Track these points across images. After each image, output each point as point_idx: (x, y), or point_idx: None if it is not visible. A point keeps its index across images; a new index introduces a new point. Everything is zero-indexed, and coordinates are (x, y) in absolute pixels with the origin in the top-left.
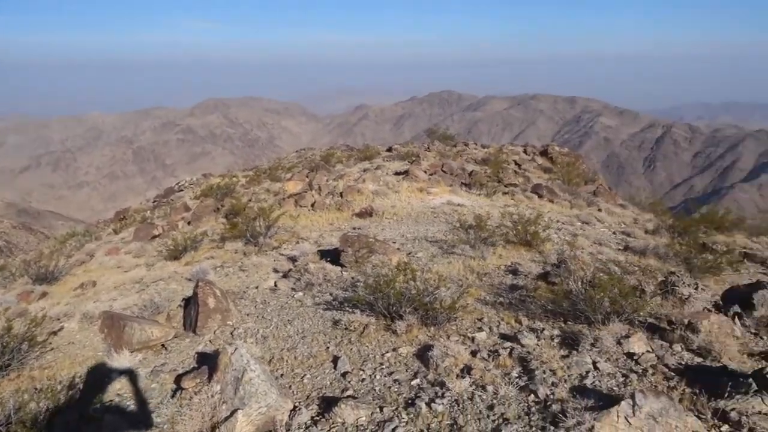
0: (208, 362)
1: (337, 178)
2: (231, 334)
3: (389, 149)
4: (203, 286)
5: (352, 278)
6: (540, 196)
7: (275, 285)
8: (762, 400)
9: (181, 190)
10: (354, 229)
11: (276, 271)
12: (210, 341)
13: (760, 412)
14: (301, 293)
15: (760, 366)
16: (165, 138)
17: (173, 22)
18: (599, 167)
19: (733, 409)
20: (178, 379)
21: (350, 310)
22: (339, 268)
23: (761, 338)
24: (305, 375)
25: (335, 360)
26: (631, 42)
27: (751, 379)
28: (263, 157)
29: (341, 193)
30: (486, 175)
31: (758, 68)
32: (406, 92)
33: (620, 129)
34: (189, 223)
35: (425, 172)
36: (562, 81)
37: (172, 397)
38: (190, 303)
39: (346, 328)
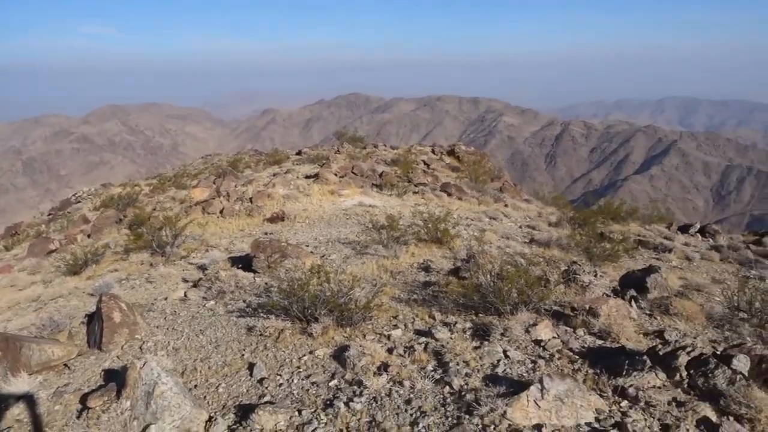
0: (116, 379)
1: (246, 184)
2: (140, 348)
3: (299, 153)
4: (107, 300)
5: (266, 284)
6: (449, 195)
7: (185, 295)
8: (656, 374)
9: (79, 202)
10: (266, 234)
11: (185, 280)
12: (117, 357)
13: (654, 386)
14: (212, 302)
15: (653, 344)
16: (58, 147)
17: (65, 28)
18: (504, 164)
19: (631, 386)
20: (84, 399)
21: (265, 315)
22: (251, 275)
23: (655, 318)
24: (220, 384)
25: (251, 367)
26: (527, 44)
27: (645, 357)
28: (167, 165)
29: (251, 199)
30: (396, 176)
31: (646, 68)
32: (314, 96)
33: (522, 127)
34: (89, 235)
35: (336, 174)
36: (465, 82)
37: (78, 417)
38: (93, 319)
39: (261, 335)
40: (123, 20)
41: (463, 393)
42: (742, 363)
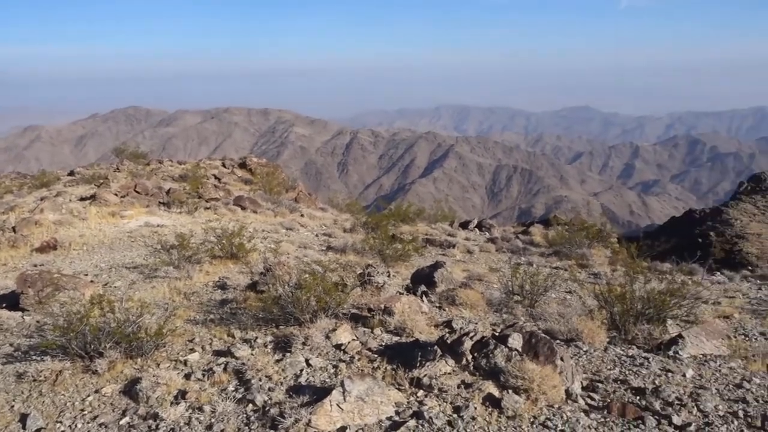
0: None
1: (7, 211)
2: None
3: (71, 173)
4: None
5: (37, 322)
6: (243, 208)
7: None
8: (446, 362)
9: None
10: (35, 266)
11: None
12: None
13: (445, 373)
14: None
15: (442, 334)
16: None
17: None
18: (299, 175)
19: (425, 375)
20: None
21: (38, 358)
22: (19, 314)
23: (444, 310)
24: None
25: (24, 418)
26: (313, 56)
27: (436, 347)
28: None
29: (14, 228)
30: (185, 192)
31: (422, 78)
32: (86, 110)
33: (313, 137)
34: None
35: (116, 194)
36: (252, 94)
37: None
38: None
39: (34, 380)
40: None
41: (267, 408)
42: (516, 341)
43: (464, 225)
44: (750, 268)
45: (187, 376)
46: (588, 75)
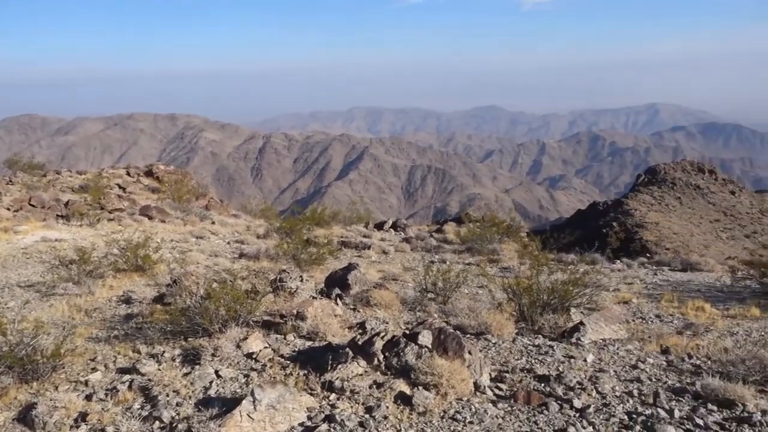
0: None
1: None
2: None
3: None
4: None
5: None
6: (150, 218)
7: None
8: (357, 363)
9: None
10: None
11: None
12: None
13: (357, 374)
14: None
15: (354, 336)
16: None
17: None
18: (211, 181)
19: (337, 378)
20: None
21: None
22: None
23: (358, 311)
24: None
25: None
26: (221, 59)
27: (348, 349)
28: None
29: None
30: (86, 204)
31: (334, 80)
32: None
33: (225, 142)
34: None
35: (9, 209)
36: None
37: None
38: None
39: None
40: None
41: (174, 424)
42: (426, 338)
43: (379, 226)
44: (648, 255)
45: (89, 397)
46: (495, 75)
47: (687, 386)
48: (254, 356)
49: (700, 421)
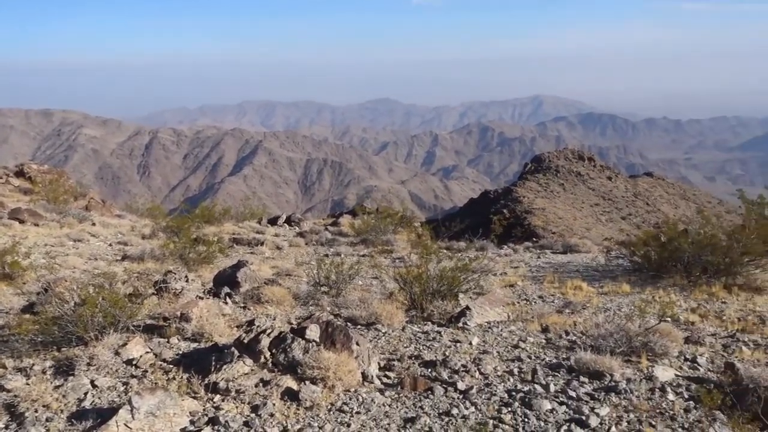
0: None
1: None
2: None
3: None
4: None
5: None
6: (21, 222)
7: None
8: (243, 362)
9: None
10: None
11: None
12: None
13: (243, 374)
14: None
15: (239, 335)
16: None
17: None
18: (92, 180)
19: (222, 379)
20: None
21: None
22: None
23: (249, 309)
24: None
25: None
26: (96, 52)
27: (233, 348)
28: None
29: None
30: None
31: (224, 74)
32: None
33: (107, 139)
34: None
35: None
36: (28, 93)
37: None
38: None
39: None
40: None
41: None
42: (313, 332)
43: (273, 221)
44: (535, 239)
45: None
46: (388, 69)
47: (563, 361)
48: (134, 362)
49: (572, 393)
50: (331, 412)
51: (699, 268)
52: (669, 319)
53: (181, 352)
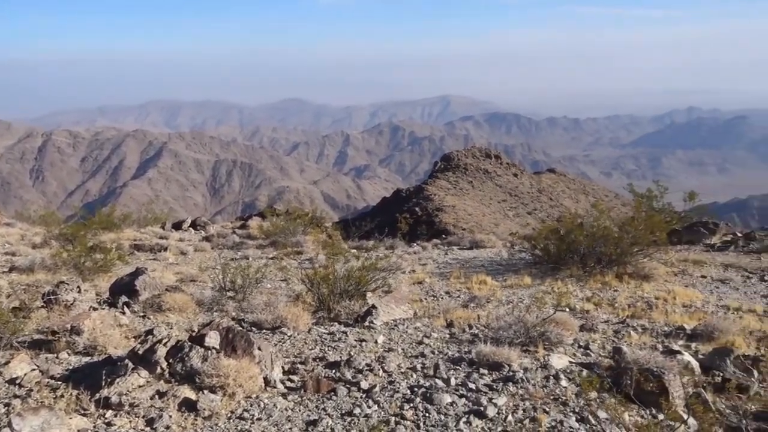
0: None
1: None
2: None
3: None
4: None
5: None
6: None
7: None
8: (138, 374)
9: None
10: None
11: None
12: None
13: (138, 386)
14: None
15: (134, 346)
16: None
17: None
18: None
19: (114, 393)
20: None
21: None
22: None
23: (148, 318)
24: None
25: None
26: None
27: (127, 360)
28: None
29: None
30: None
31: (124, 73)
32: None
33: None
34: None
35: None
36: None
37: None
38: None
39: None
40: None
41: None
42: (213, 339)
43: (178, 226)
44: (444, 236)
45: None
46: (298, 69)
47: (464, 355)
48: (18, 381)
49: (472, 386)
50: (231, 420)
51: (594, 258)
52: (566, 309)
53: (71, 368)
